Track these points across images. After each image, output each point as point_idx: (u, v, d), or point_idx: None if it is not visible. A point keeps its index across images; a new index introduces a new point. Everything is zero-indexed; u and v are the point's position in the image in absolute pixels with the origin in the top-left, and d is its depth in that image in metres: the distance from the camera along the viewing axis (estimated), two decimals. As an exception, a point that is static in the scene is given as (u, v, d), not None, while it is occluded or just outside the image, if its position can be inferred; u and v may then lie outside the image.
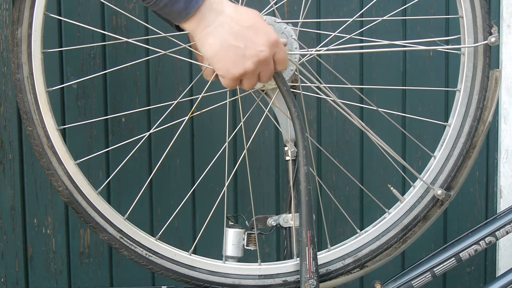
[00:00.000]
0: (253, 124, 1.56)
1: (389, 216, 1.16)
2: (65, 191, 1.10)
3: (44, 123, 1.09)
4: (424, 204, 1.15)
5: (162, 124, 1.21)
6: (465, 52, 1.11)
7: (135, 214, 1.53)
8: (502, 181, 1.66)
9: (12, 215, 1.59)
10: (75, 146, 1.55)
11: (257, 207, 1.62)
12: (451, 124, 1.14)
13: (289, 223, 1.16)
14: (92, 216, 1.12)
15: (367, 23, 1.54)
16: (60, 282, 1.62)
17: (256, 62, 0.93)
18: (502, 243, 1.67)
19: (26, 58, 1.06)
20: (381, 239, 1.16)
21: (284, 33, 1.10)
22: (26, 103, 1.08)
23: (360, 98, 1.58)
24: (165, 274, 1.13)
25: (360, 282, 1.68)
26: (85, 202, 1.11)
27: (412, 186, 1.17)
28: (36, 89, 1.08)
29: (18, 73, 1.07)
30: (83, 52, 1.56)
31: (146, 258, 1.13)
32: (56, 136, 1.10)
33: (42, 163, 1.10)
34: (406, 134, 1.56)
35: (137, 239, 1.13)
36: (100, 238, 1.12)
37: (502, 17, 1.62)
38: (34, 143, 1.09)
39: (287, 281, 1.14)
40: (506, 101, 1.64)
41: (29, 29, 1.06)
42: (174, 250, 1.14)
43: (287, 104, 1.06)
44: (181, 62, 1.57)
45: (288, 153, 1.15)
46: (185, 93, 1.52)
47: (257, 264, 1.14)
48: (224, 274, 1.14)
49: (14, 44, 1.05)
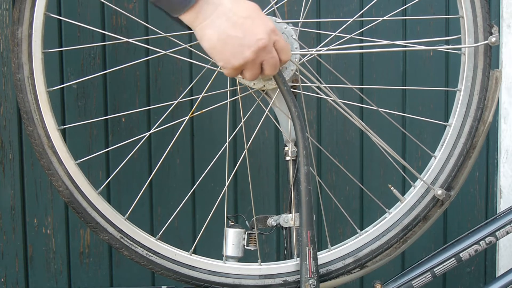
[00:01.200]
0: (253, 124, 1.56)
1: (389, 216, 1.16)
2: (65, 191, 1.10)
3: (44, 123, 1.09)
4: (425, 204, 1.15)
5: (162, 124, 1.21)
6: (465, 52, 1.11)
7: (135, 214, 1.53)
8: (502, 181, 1.66)
9: (12, 215, 1.58)
10: (75, 146, 1.55)
11: (257, 207, 1.62)
12: (452, 124, 1.14)
13: (289, 223, 1.16)
14: (93, 216, 1.12)
15: (367, 23, 1.54)
16: (60, 282, 1.62)
17: (256, 51, 0.93)
18: (502, 243, 1.67)
19: (27, 58, 1.06)
20: (382, 239, 1.16)
21: (284, 33, 1.10)
22: (26, 103, 1.08)
23: (360, 98, 1.58)
24: (165, 274, 1.13)
25: (360, 282, 1.68)
26: (86, 202, 1.11)
27: (412, 186, 1.17)
28: (37, 89, 1.08)
29: (18, 73, 1.07)
30: (83, 52, 1.56)
31: (146, 258, 1.13)
32: (56, 136, 1.10)
33: (43, 163, 1.10)
34: (406, 134, 1.57)
35: (138, 239, 1.14)
36: (100, 238, 1.12)
37: (502, 17, 1.62)
38: (34, 143, 1.09)
39: (287, 281, 1.14)
40: (506, 101, 1.64)
41: (30, 29, 1.06)
42: (174, 250, 1.14)
43: (287, 104, 1.06)
44: (181, 62, 1.57)
45: (288, 153, 1.15)
46: (185, 94, 1.52)
47: (257, 264, 1.14)
48: (224, 274, 1.14)
49: (15, 44, 1.05)
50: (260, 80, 1.11)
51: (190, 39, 1.50)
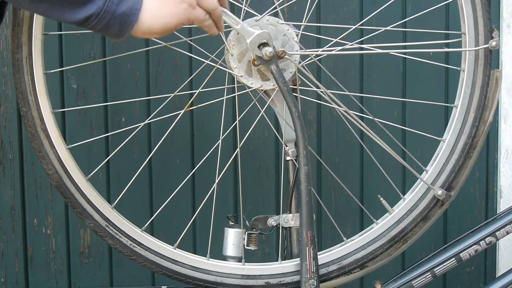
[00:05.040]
0: (253, 124, 1.56)
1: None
2: (54, 174, 1.10)
3: (39, 104, 1.08)
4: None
5: (159, 118, 1.20)
6: (465, 69, 1.11)
7: (136, 214, 1.53)
8: (502, 181, 1.66)
9: (12, 215, 1.58)
10: (75, 146, 1.55)
11: (257, 207, 1.62)
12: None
13: (289, 223, 1.16)
14: (80, 202, 1.11)
15: (367, 30, 1.54)
16: (60, 282, 1.62)
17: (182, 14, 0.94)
18: (502, 243, 1.67)
19: (27, 38, 1.05)
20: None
21: (286, 35, 1.10)
22: (22, 84, 1.07)
23: (360, 102, 1.58)
24: (147, 266, 1.13)
25: (360, 282, 1.68)
26: (74, 187, 1.10)
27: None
28: (34, 70, 1.07)
29: (17, 53, 1.05)
30: (83, 52, 1.56)
31: (130, 248, 1.12)
32: (50, 118, 1.08)
33: (34, 144, 1.09)
34: (406, 133, 1.56)
35: (123, 228, 1.13)
36: (85, 224, 1.12)
37: (502, 17, 1.62)
38: (27, 124, 1.08)
39: (269, 283, 1.13)
40: (506, 101, 1.64)
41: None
42: (158, 242, 1.13)
43: (288, 104, 1.06)
44: (181, 62, 1.57)
45: (288, 153, 1.15)
46: (184, 87, 1.51)
47: (241, 264, 1.14)
48: (206, 270, 1.13)
49: (16, 24, 1.04)
50: (258, 80, 1.11)
51: (190, 33, 1.50)
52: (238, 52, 1.09)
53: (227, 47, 1.09)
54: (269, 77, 1.10)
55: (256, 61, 1.07)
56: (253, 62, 1.08)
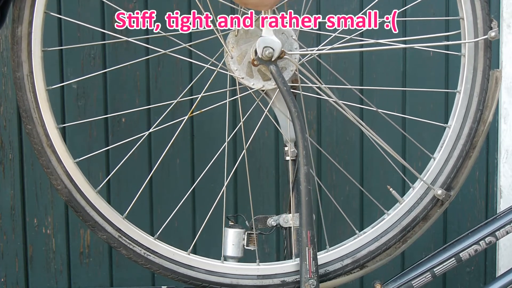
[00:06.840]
0: (253, 124, 1.56)
1: (388, 217, 1.16)
2: (64, 189, 1.10)
3: (43, 121, 1.08)
4: (424, 205, 1.14)
5: (162, 124, 1.21)
6: (465, 54, 1.11)
7: (135, 214, 1.53)
8: (502, 181, 1.66)
9: (12, 215, 1.58)
10: (75, 146, 1.55)
11: (257, 207, 1.62)
12: (451, 126, 1.13)
13: (289, 223, 1.15)
14: (91, 215, 1.12)
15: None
16: (60, 282, 1.62)
17: None
18: (502, 243, 1.67)
19: (26, 56, 1.06)
20: (380, 240, 1.15)
21: (284, 33, 1.10)
22: (25, 102, 1.07)
23: (360, 98, 1.58)
24: (163, 273, 1.13)
25: (360, 282, 1.68)
26: (84, 201, 1.11)
27: (411, 187, 1.17)
28: (36, 88, 1.07)
29: (18, 71, 1.06)
30: (83, 52, 1.56)
31: (144, 257, 1.13)
32: (55, 134, 1.09)
33: (42, 161, 1.09)
34: (406, 135, 1.56)
35: (136, 238, 1.13)
36: (98, 236, 1.12)
37: (502, 17, 1.62)
38: (33, 141, 1.09)
39: (285, 282, 1.13)
40: (506, 101, 1.64)
41: (29, 28, 1.06)
42: (172, 249, 1.14)
43: (287, 104, 1.06)
44: (181, 62, 1.57)
45: (288, 153, 1.15)
46: (185, 93, 1.52)
47: (255, 264, 1.14)
48: (222, 274, 1.13)
49: (14, 42, 1.05)
50: (259, 80, 1.11)
51: (190, 38, 1.51)
52: (238, 54, 1.09)
53: (227, 49, 1.09)
54: (270, 76, 1.10)
55: (255, 61, 1.07)
56: (252, 62, 1.08)
